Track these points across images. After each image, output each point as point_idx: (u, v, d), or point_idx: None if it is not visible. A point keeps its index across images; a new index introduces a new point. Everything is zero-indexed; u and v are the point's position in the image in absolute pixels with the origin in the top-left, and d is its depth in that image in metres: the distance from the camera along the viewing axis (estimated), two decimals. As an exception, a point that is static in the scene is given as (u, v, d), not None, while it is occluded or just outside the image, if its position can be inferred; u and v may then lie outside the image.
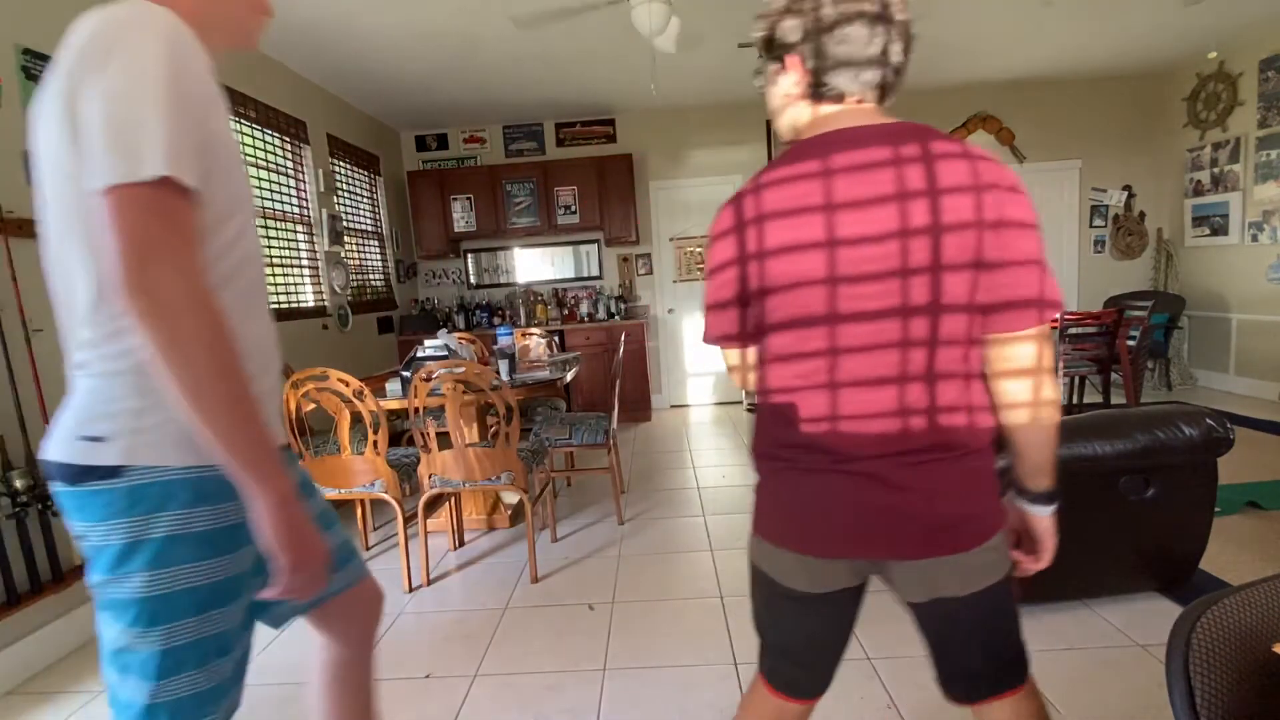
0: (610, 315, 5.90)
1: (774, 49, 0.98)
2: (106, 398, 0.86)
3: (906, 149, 0.90)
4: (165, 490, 0.86)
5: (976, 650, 1.03)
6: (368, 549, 3.19)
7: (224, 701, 0.96)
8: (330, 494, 2.72)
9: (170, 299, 0.77)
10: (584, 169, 5.73)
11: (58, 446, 0.87)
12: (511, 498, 3.53)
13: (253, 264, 0.96)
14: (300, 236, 4.36)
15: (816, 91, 0.96)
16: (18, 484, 2.18)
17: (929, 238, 0.88)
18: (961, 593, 0.98)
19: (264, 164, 4.01)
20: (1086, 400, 4.91)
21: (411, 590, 2.72)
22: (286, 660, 2.27)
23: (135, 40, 0.78)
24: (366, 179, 5.42)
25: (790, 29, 0.95)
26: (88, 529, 0.87)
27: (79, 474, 0.85)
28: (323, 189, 4.58)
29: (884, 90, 0.96)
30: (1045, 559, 1.05)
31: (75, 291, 0.86)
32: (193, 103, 0.82)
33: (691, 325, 6.30)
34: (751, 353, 1.05)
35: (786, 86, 0.98)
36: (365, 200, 5.38)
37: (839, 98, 0.95)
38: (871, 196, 0.89)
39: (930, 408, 0.92)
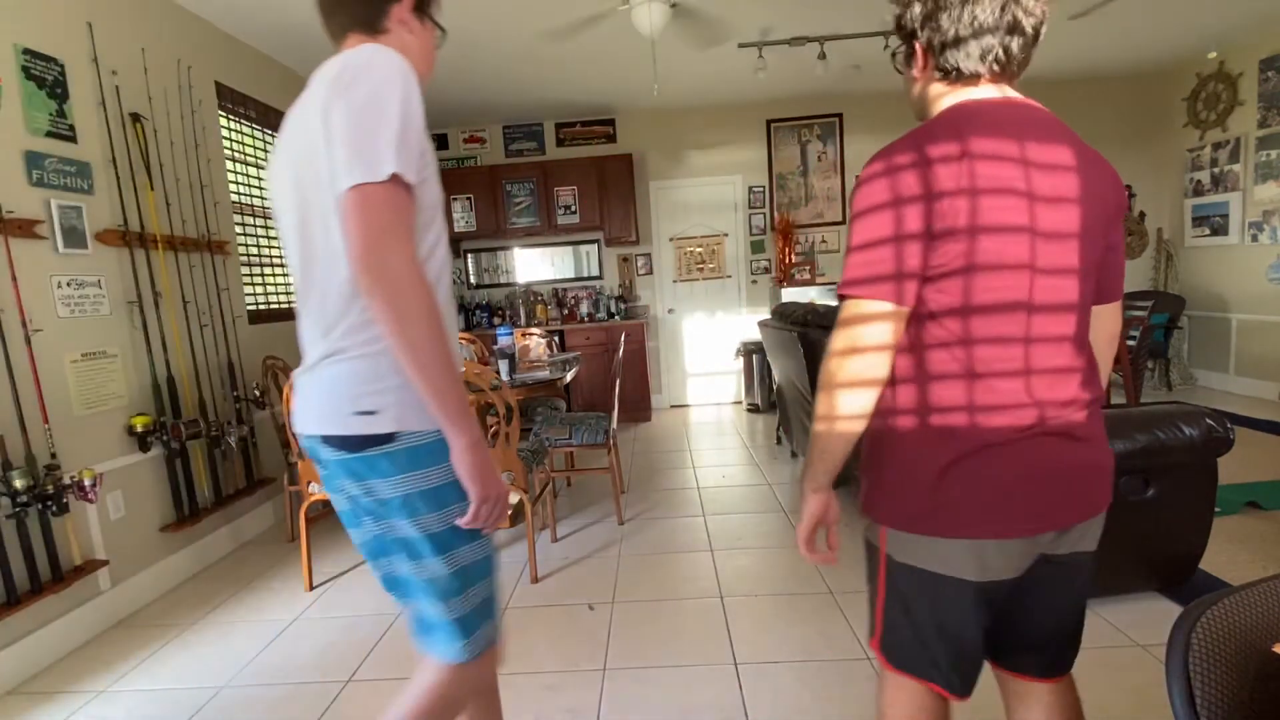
0: (610, 315, 5.90)
1: (902, 32, 1.01)
2: (371, 376, 1.03)
3: (1086, 152, 0.97)
4: (432, 448, 1.05)
5: (1079, 612, 1.07)
6: (368, 549, 3.19)
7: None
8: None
9: (399, 275, 0.94)
10: (584, 169, 5.73)
11: (332, 423, 1.04)
12: (511, 498, 3.53)
13: (447, 272, 1.12)
14: (300, 236, 4.36)
15: (942, 73, 0.98)
16: (18, 484, 2.17)
17: (1099, 232, 0.98)
18: (1093, 546, 1.03)
19: (264, 164, 4.01)
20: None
21: (411, 590, 2.72)
22: (285, 661, 2.27)
23: (375, 69, 0.98)
24: (366, 179, 5.42)
25: (914, 12, 0.97)
26: (374, 485, 1.06)
27: (360, 443, 1.03)
28: (323, 189, 4.58)
29: (1010, 68, 0.96)
30: None
31: (335, 285, 1.03)
32: (415, 119, 1.00)
33: (691, 325, 6.30)
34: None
35: (916, 69, 1.02)
36: (365, 200, 5.37)
37: (971, 79, 0.96)
38: (1065, 192, 0.93)
39: (1081, 363, 0.98)
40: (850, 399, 0.96)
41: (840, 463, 1.00)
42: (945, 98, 0.99)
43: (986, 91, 0.97)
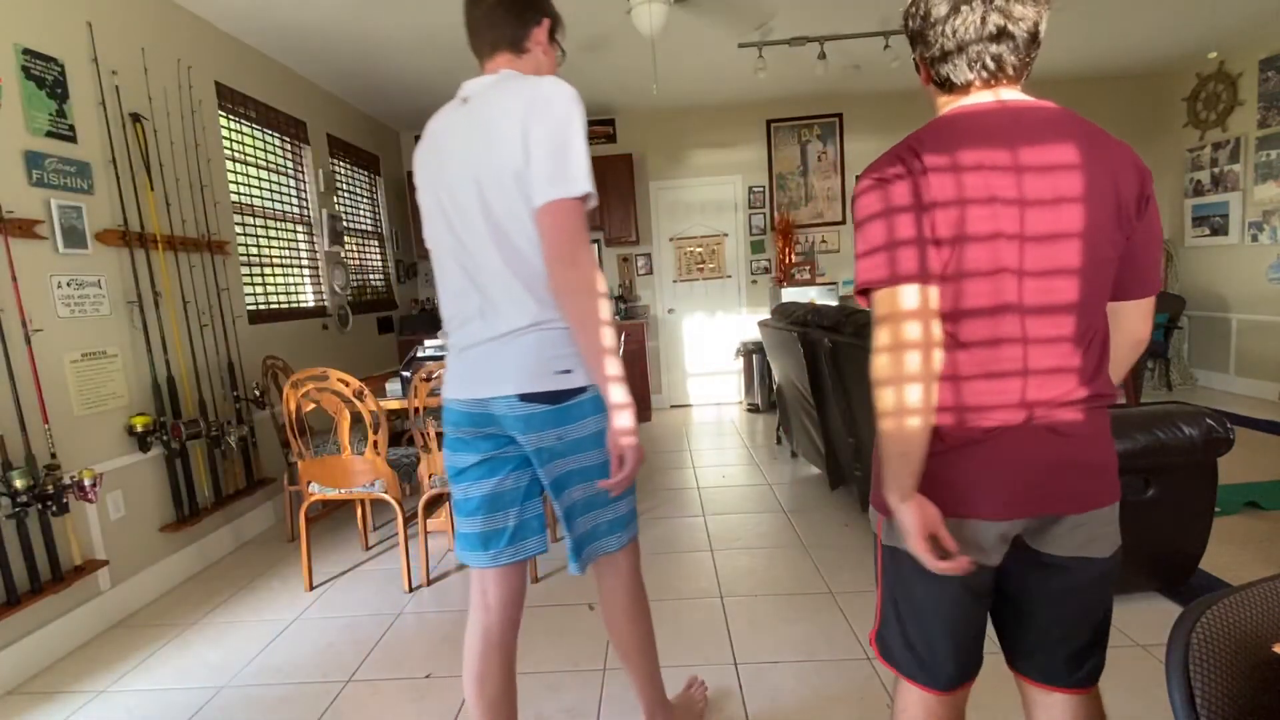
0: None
1: (911, 42, 1.04)
2: (565, 342, 1.28)
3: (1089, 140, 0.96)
4: (598, 397, 1.31)
5: (1093, 621, 1.04)
6: (367, 549, 3.19)
7: None
8: (330, 494, 2.72)
9: (588, 270, 1.21)
10: (584, 169, 5.72)
11: (538, 381, 1.27)
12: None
13: None
14: (300, 236, 4.36)
15: (937, 85, 1.02)
16: (18, 484, 2.17)
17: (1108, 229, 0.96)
18: (1102, 553, 1.01)
19: (264, 164, 4.01)
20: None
21: (411, 590, 2.72)
22: (285, 661, 2.27)
23: (562, 101, 1.22)
24: (366, 179, 5.42)
25: (910, 26, 1.02)
26: (571, 428, 1.30)
27: (563, 395, 1.29)
28: (323, 189, 4.58)
29: (1005, 72, 0.97)
30: None
31: (535, 272, 1.26)
32: (587, 138, 1.24)
33: (691, 325, 6.30)
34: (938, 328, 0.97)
35: (921, 79, 1.05)
36: (365, 200, 5.38)
37: (964, 87, 0.98)
38: (1058, 193, 0.93)
39: (1076, 362, 0.96)
40: (907, 392, 0.94)
41: (920, 461, 0.95)
42: (946, 105, 1.02)
43: (981, 98, 0.98)
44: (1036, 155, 0.93)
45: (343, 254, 4.80)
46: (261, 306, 3.83)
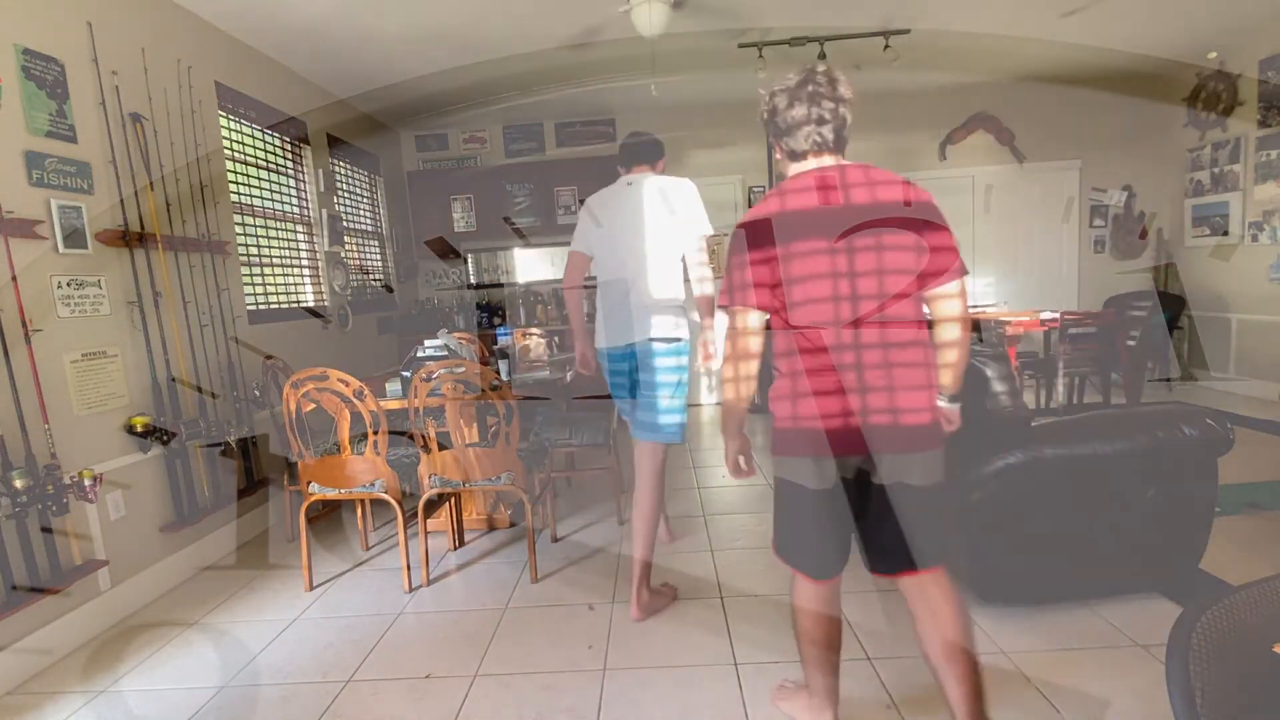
0: (610, 315, 5.89)
1: (765, 126, 1.55)
2: (673, 313, 2.33)
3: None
4: (688, 345, 2.38)
5: (898, 528, 1.46)
6: (367, 549, 3.19)
7: None
8: (330, 494, 2.72)
9: (710, 287, 2.31)
10: (584, 169, 5.73)
11: (666, 331, 2.32)
12: (511, 497, 3.53)
13: None
14: (300, 236, 4.36)
15: (787, 152, 1.52)
16: (18, 484, 2.17)
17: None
18: (918, 481, 1.44)
19: (264, 164, 4.01)
20: (1086, 400, 4.91)
21: (411, 590, 2.72)
22: (285, 661, 2.27)
23: (695, 192, 2.39)
24: (366, 179, 5.42)
25: (764, 116, 1.54)
26: (676, 361, 2.35)
27: (675, 340, 2.33)
28: (323, 189, 4.58)
29: (828, 145, 1.46)
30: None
31: (673, 279, 2.34)
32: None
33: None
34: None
35: (777, 151, 1.56)
36: (365, 200, 5.38)
37: (801, 155, 1.49)
38: (844, 224, 1.41)
39: (898, 361, 1.43)
40: (729, 386, 1.58)
41: (740, 423, 1.62)
42: (790, 168, 1.51)
43: (811, 165, 1.47)
44: (835, 205, 1.40)
45: (343, 254, 4.80)
46: (261, 306, 3.83)
